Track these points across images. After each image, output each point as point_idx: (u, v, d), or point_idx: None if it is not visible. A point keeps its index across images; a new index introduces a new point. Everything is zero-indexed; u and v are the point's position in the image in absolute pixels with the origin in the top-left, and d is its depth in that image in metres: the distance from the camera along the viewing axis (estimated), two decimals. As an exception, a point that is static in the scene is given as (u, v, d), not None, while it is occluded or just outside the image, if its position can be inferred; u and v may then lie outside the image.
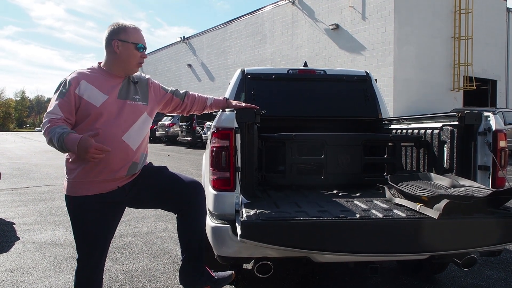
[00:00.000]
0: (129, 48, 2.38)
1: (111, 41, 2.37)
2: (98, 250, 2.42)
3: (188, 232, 2.54)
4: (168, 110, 2.79)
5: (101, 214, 2.38)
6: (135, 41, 2.39)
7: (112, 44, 2.36)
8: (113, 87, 2.37)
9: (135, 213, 6.09)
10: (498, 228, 2.22)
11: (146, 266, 3.92)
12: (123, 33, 2.38)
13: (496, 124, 2.72)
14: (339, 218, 2.16)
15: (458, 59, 19.18)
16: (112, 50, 2.37)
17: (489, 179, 2.74)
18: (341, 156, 3.20)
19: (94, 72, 2.37)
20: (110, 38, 2.38)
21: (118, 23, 2.43)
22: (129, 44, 2.37)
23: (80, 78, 2.29)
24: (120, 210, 2.51)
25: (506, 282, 3.58)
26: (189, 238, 2.55)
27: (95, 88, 2.29)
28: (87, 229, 2.37)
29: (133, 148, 2.41)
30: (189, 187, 2.52)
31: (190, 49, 32.92)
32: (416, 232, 2.15)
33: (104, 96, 2.30)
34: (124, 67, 2.41)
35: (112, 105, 2.32)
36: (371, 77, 4.54)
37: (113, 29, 2.39)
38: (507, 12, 22.38)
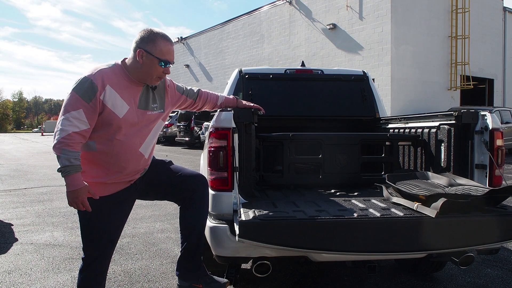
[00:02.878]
0: (153, 61, 2.28)
1: (137, 49, 2.28)
2: (108, 248, 2.43)
3: (190, 224, 2.58)
4: (179, 108, 2.82)
5: (114, 213, 2.39)
6: (160, 56, 2.29)
7: (137, 52, 2.28)
8: (134, 95, 2.32)
9: (133, 213, 6.08)
10: (495, 226, 2.23)
11: (145, 266, 3.92)
12: (150, 44, 2.28)
13: (493, 123, 2.73)
14: (337, 218, 2.16)
15: (455, 58, 19.23)
16: (136, 58, 2.29)
17: (486, 178, 2.75)
18: (338, 155, 3.21)
19: (117, 75, 2.28)
20: (137, 45, 2.29)
21: (151, 30, 2.33)
22: (153, 58, 2.28)
23: (105, 81, 2.20)
24: (131, 204, 2.55)
25: (504, 280, 3.60)
26: (190, 230, 2.58)
27: (118, 96, 2.23)
28: (100, 228, 2.37)
29: (146, 157, 2.45)
30: (194, 180, 2.55)
31: (187, 49, 32.90)
32: (414, 231, 2.16)
33: (126, 106, 2.27)
34: (143, 78, 2.34)
35: (133, 115, 2.30)
36: (368, 76, 4.55)
37: (143, 37, 2.30)
38: (504, 11, 22.43)
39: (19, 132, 76.43)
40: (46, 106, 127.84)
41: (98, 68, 2.25)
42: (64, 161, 2.10)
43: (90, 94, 2.15)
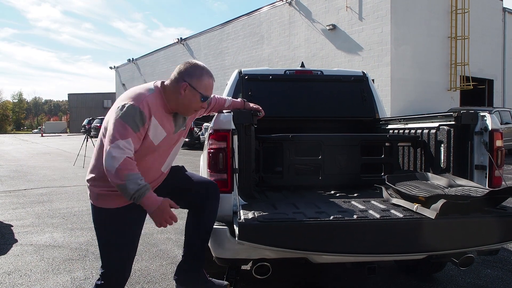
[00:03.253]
0: (195, 96, 2.31)
1: (182, 81, 2.30)
2: (130, 259, 2.40)
3: (196, 231, 2.55)
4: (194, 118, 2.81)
5: (133, 221, 2.37)
6: (204, 92, 2.33)
7: (181, 85, 2.29)
8: (169, 121, 2.34)
9: (133, 214, 6.09)
10: (495, 227, 2.23)
11: (145, 267, 3.92)
12: (196, 80, 2.31)
13: (492, 123, 2.73)
14: (336, 219, 2.16)
15: (454, 58, 19.23)
16: (178, 90, 2.29)
17: (486, 179, 2.75)
18: (338, 156, 3.21)
19: (158, 103, 2.28)
20: (182, 77, 2.31)
21: (198, 65, 2.37)
22: (197, 93, 2.31)
23: (151, 111, 2.20)
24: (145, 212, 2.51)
25: (504, 281, 3.60)
26: (196, 237, 2.55)
27: (159, 125, 2.25)
28: (122, 238, 2.34)
29: (165, 172, 2.48)
30: (206, 188, 2.52)
31: (187, 50, 32.90)
32: (414, 232, 2.16)
33: (164, 133, 2.29)
34: (179, 109, 2.35)
35: (166, 141, 2.32)
36: (368, 77, 4.55)
37: (190, 70, 2.33)
38: (503, 12, 22.44)
39: (19, 133, 76.39)
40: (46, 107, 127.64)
41: (142, 95, 2.24)
42: (133, 186, 2.04)
43: (139, 123, 2.15)
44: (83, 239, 4.82)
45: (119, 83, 48.71)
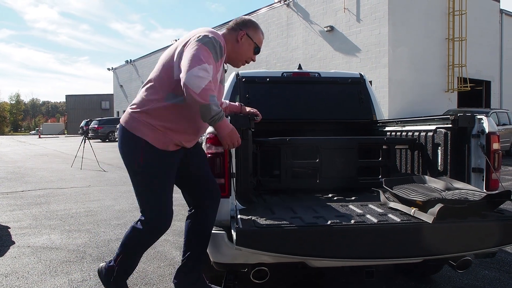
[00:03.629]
0: (250, 45, 2.55)
1: (240, 30, 2.50)
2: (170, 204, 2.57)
3: (197, 233, 2.57)
4: None
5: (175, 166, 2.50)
6: (257, 42, 2.58)
7: (239, 33, 2.49)
8: (220, 69, 2.46)
9: (131, 216, 6.08)
10: (493, 231, 2.23)
11: (142, 269, 3.91)
12: (253, 30, 2.55)
13: (489, 126, 2.74)
14: (334, 225, 2.16)
15: (452, 60, 19.27)
16: (235, 38, 2.48)
17: (483, 181, 2.75)
18: (336, 159, 3.21)
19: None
20: (239, 26, 2.51)
21: (252, 20, 2.60)
22: (252, 43, 2.55)
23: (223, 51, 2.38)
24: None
25: (501, 282, 3.61)
26: (196, 239, 2.57)
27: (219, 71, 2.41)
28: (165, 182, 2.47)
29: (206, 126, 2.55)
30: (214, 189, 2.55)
31: (185, 51, 32.89)
32: (411, 237, 2.17)
33: (217, 80, 2.43)
34: (232, 58, 2.56)
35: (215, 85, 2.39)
36: (365, 79, 4.56)
37: (246, 21, 2.56)
38: (500, 13, 22.51)
39: (16, 134, 76.27)
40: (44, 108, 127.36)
41: (219, 33, 2.41)
42: (215, 108, 2.14)
43: (218, 55, 2.30)
44: (80, 241, 4.81)
45: (117, 85, 48.68)
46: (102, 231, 5.26)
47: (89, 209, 6.65)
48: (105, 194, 8.03)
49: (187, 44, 2.27)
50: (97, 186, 9.11)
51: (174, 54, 2.35)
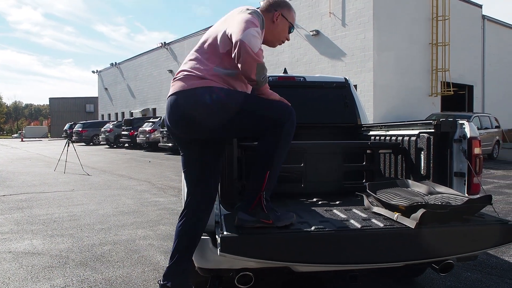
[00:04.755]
0: (285, 25, 2.56)
1: (274, 10, 2.51)
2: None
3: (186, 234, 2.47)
4: None
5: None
6: (292, 21, 2.59)
7: (275, 14, 2.50)
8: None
9: (115, 220, 6.03)
10: (474, 235, 2.26)
11: (126, 274, 3.87)
12: (286, 10, 2.56)
13: (470, 131, 2.78)
14: (318, 231, 2.17)
15: (436, 65, 19.56)
16: (271, 19, 2.49)
17: (465, 185, 2.79)
18: (320, 164, 3.23)
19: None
20: (273, 7, 2.52)
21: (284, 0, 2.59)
22: (286, 22, 2.56)
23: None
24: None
25: (483, 284, 3.66)
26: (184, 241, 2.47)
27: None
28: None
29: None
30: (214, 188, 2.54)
31: (171, 54, 32.81)
32: (394, 242, 2.18)
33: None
34: (270, 39, 2.57)
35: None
36: (350, 83, 4.59)
37: (280, 1, 2.55)
38: (483, 19, 22.93)
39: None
40: (27, 111, 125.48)
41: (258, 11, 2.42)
42: (265, 70, 2.24)
43: (261, 27, 2.32)
44: (63, 246, 4.75)
45: (101, 88, 48.31)
46: (86, 236, 5.20)
47: (73, 213, 6.57)
48: (89, 198, 7.95)
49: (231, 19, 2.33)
50: (80, 190, 9.00)
51: (216, 31, 2.39)
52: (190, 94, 2.31)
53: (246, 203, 2.32)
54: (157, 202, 7.59)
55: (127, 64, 41.43)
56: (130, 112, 39.49)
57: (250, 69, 2.18)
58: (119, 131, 27.02)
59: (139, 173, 12.17)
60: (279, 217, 2.29)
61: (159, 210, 6.77)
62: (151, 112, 36.06)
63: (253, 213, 2.27)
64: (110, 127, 28.43)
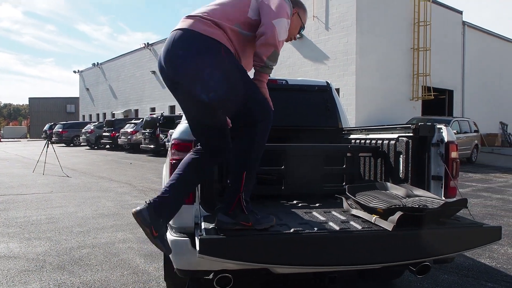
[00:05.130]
0: (297, 24, 2.66)
1: (293, 8, 2.57)
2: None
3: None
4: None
5: None
6: (304, 22, 2.72)
7: (292, 10, 2.54)
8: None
9: (94, 223, 5.95)
10: (449, 238, 2.30)
11: (105, 278, 3.83)
12: (302, 11, 2.68)
13: (448, 136, 2.82)
14: (297, 232, 2.18)
15: (417, 69, 19.83)
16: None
17: (442, 189, 2.84)
18: (301, 166, 3.24)
19: None
20: (294, 4, 2.58)
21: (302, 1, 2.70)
22: (300, 22, 2.67)
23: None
24: None
25: (460, 286, 3.72)
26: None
27: None
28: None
29: None
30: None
31: (154, 55, 32.58)
32: (372, 244, 2.20)
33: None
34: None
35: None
36: (332, 87, 4.62)
37: (298, 1, 2.65)
38: (463, 25, 23.35)
39: (-24, 137, 73.40)
40: (5, 111, 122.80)
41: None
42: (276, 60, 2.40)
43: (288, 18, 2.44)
44: (40, 249, 4.67)
45: (83, 88, 47.74)
46: (64, 239, 5.12)
47: (51, 216, 6.47)
48: (68, 201, 7.83)
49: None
50: (59, 192, 8.87)
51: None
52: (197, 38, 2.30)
53: (226, 205, 2.31)
54: (137, 204, 7.46)
55: (110, 64, 41.02)
56: (112, 113, 39.08)
57: (267, 51, 2.33)
58: (101, 132, 26.72)
59: (120, 175, 12.05)
60: (258, 220, 2.29)
61: (139, 213, 6.69)
62: (133, 113, 35.75)
63: (233, 215, 2.27)
64: (91, 128, 28.08)
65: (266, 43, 2.30)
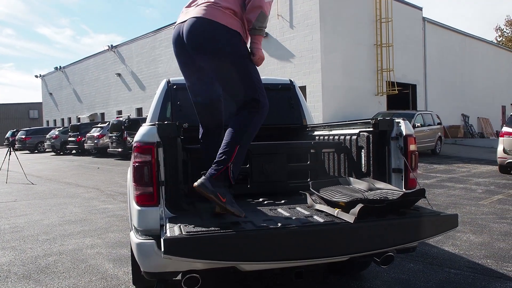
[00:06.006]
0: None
1: None
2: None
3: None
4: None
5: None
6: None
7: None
8: None
9: (61, 230, 5.82)
10: (410, 227, 2.38)
11: (73, 285, 3.76)
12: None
13: (406, 129, 2.91)
14: (261, 228, 2.21)
15: (380, 65, 20.25)
16: None
17: (402, 181, 2.92)
18: (266, 164, 3.27)
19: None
20: None
21: None
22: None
23: None
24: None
25: (425, 274, 3.84)
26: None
27: None
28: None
29: None
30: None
31: (118, 57, 32.04)
32: (334, 236, 2.26)
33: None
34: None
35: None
36: (295, 85, 4.68)
37: None
38: (423, 21, 23.99)
39: None
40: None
41: None
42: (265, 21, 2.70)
43: None
44: (4, 259, 4.54)
45: (46, 92, 46.45)
46: (29, 248, 4.99)
47: (15, 224, 6.29)
48: (33, 208, 7.63)
49: None
50: (24, 200, 8.62)
51: None
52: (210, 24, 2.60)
53: (213, 171, 2.47)
54: (106, 209, 7.40)
55: (73, 68, 40.07)
56: (77, 117, 38.21)
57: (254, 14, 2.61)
58: (66, 137, 26.06)
59: (87, 180, 11.81)
60: (233, 203, 2.42)
61: (108, 218, 6.61)
62: (99, 117, 35.04)
63: (215, 183, 2.41)
64: (55, 134, 27.34)
65: (252, 6, 2.59)
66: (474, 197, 7.73)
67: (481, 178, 10.33)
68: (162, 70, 26.55)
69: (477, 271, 3.92)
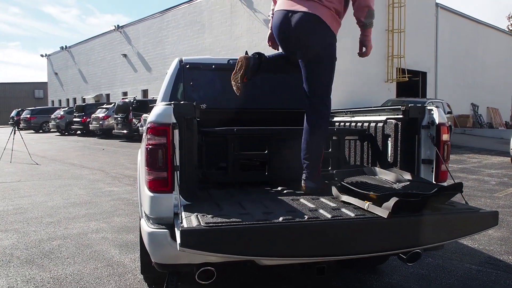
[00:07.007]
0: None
1: None
2: None
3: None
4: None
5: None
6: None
7: None
8: None
9: (65, 212, 5.68)
10: (446, 224, 2.18)
11: (77, 271, 3.61)
12: None
13: (439, 117, 2.71)
14: (287, 222, 2.01)
15: (391, 51, 19.87)
16: None
17: (432, 173, 2.72)
18: (285, 150, 3.07)
19: None
20: None
21: None
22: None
23: None
24: None
25: (445, 269, 3.68)
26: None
27: None
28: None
29: None
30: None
31: (125, 38, 31.70)
32: (366, 232, 2.06)
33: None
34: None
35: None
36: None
37: None
38: (436, 7, 23.48)
39: None
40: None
41: None
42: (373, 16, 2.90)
43: None
44: (7, 242, 4.40)
45: (51, 72, 46.29)
46: (33, 230, 4.85)
47: (19, 206, 6.15)
48: (37, 190, 7.49)
49: None
50: (28, 181, 8.49)
51: None
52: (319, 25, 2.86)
53: (311, 172, 2.73)
54: (111, 192, 7.25)
55: (79, 47, 39.75)
56: (83, 98, 38.04)
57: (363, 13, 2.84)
58: (71, 117, 25.97)
59: (92, 162, 11.67)
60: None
61: (113, 201, 6.46)
62: (105, 98, 34.85)
63: (318, 181, 2.72)
64: (61, 114, 27.22)
65: (360, 6, 2.84)
66: (488, 189, 7.53)
67: (493, 169, 10.12)
68: (169, 52, 26.23)
69: (499, 267, 3.75)
